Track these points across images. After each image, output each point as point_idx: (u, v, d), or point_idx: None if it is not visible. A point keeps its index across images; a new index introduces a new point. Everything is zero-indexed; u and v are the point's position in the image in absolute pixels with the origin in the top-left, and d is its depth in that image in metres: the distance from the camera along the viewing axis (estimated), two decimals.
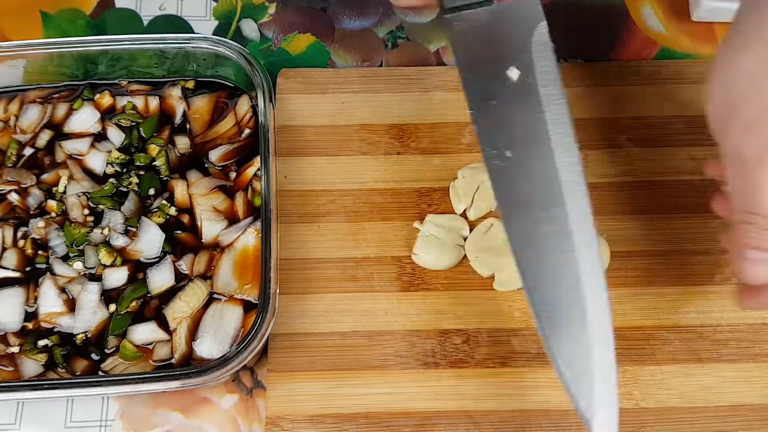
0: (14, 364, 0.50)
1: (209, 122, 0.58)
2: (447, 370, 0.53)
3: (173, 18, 0.66)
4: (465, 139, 0.60)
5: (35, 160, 0.56)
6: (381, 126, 0.60)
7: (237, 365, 0.47)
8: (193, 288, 0.51)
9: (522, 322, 0.54)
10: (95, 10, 0.66)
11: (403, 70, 0.62)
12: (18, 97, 0.58)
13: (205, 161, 0.56)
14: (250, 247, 0.52)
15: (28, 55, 0.57)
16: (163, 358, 0.50)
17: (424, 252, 0.55)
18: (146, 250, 0.53)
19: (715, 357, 0.53)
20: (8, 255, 0.53)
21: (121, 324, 0.50)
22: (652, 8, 0.67)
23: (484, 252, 0.55)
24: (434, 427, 0.51)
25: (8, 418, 0.53)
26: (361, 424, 0.51)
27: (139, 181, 0.55)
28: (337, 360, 0.53)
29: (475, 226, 0.56)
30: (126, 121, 0.57)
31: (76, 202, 0.54)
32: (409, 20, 0.66)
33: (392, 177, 0.58)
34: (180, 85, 0.59)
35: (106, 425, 0.53)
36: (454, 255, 0.55)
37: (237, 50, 0.56)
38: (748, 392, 0.52)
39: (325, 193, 0.58)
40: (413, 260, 0.55)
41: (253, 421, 0.53)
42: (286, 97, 0.61)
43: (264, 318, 0.48)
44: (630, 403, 0.52)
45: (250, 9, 0.66)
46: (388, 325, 0.54)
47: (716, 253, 0.56)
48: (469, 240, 0.55)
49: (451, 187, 0.57)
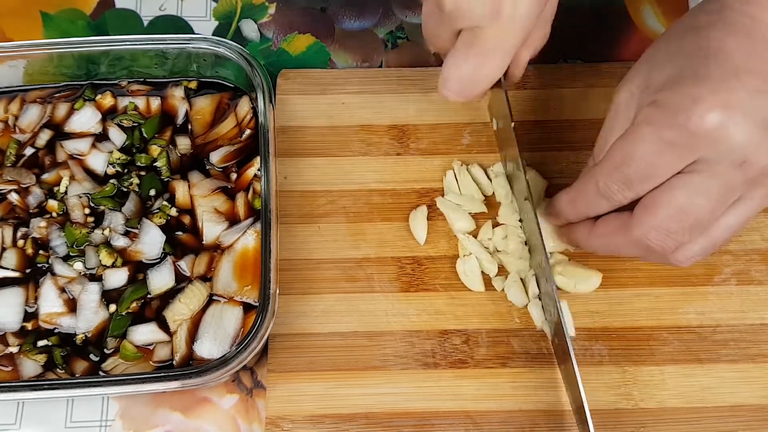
0: (13, 364, 0.50)
1: (211, 123, 0.58)
2: (447, 370, 0.53)
3: (173, 18, 0.66)
4: (465, 140, 0.60)
5: (36, 160, 0.56)
6: (381, 126, 0.60)
7: (237, 365, 0.47)
8: (192, 290, 0.51)
9: (522, 323, 0.54)
10: (95, 10, 0.66)
11: (403, 70, 0.62)
12: (18, 97, 0.58)
13: (206, 162, 0.56)
14: (250, 248, 0.52)
15: (28, 56, 0.57)
16: (163, 359, 0.50)
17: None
18: (147, 251, 0.53)
19: (714, 357, 0.53)
20: (8, 255, 0.53)
21: (121, 325, 0.50)
22: (652, 8, 0.67)
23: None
24: (434, 427, 0.51)
25: (8, 418, 0.53)
26: (361, 424, 0.51)
27: (140, 182, 0.55)
28: (337, 360, 0.53)
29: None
30: (128, 122, 0.57)
31: (77, 203, 0.54)
32: (409, 20, 0.66)
33: (392, 177, 0.58)
34: (183, 85, 0.59)
35: (106, 425, 0.53)
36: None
37: (237, 51, 0.56)
38: (747, 393, 0.52)
39: (325, 194, 0.58)
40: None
41: (253, 421, 0.53)
42: (286, 98, 0.61)
43: (264, 318, 0.48)
44: (629, 404, 0.52)
45: (250, 9, 0.66)
46: (388, 326, 0.54)
47: (716, 254, 0.56)
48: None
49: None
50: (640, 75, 0.45)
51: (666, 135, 0.41)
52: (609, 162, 0.44)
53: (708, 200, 0.42)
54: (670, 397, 0.52)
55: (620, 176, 0.43)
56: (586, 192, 0.47)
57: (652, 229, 0.43)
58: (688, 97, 0.40)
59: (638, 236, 0.44)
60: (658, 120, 0.41)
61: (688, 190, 0.42)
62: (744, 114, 0.40)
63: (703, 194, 0.42)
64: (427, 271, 0.56)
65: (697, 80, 0.41)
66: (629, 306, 0.55)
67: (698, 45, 0.43)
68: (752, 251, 0.56)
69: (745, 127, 0.40)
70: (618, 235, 0.46)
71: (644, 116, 0.42)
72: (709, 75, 0.41)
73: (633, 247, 0.46)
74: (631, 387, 0.52)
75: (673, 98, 0.41)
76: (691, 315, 0.54)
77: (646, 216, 0.44)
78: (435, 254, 0.56)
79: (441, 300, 0.55)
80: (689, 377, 0.52)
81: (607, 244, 0.48)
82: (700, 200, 0.42)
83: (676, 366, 0.53)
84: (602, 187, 0.45)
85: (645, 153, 0.42)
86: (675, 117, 0.40)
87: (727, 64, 0.41)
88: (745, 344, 0.53)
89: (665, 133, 0.41)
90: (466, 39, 0.45)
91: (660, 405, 0.52)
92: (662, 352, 0.53)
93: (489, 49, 0.45)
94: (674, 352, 0.53)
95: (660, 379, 0.52)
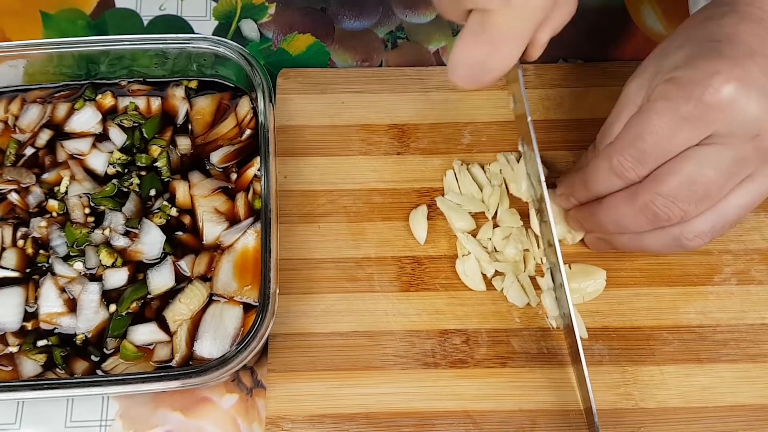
0: (13, 363, 0.50)
1: (211, 123, 0.58)
2: (447, 370, 0.53)
3: (173, 18, 0.66)
4: (465, 139, 0.60)
5: (36, 160, 0.56)
6: (381, 126, 0.60)
7: (237, 365, 0.47)
8: (192, 290, 0.51)
9: (522, 323, 0.54)
10: (95, 10, 0.66)
11: (403, 70, 0.62)
12: (18, 97, 0.58)
13: (206, 162, 0.56)
14: (250, 248, 0.52)
15: (28, 55, 0.57)
16: (163, 359, 0.50)
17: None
18: (147, 251, 0.53)
19: (714, 357, 0.53)
20: (8, 255, 0.53)
21: (121, 325, 0.50)
22: (652, 8, 0.67)
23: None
24: (434, 427, 0.51)
25: (8, 418, 0.53)
26: (361, 424, 0.51)
27: (140, 182, 0.55)
28: (337, 360, 0.53)
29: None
30: (128, 122, 0.57)
31: (78, 203, 0.54)
32: (409, 20, 0.66)
33: (392, 177, 0.58)
34: (183, 85, 0.59)
35: (106, 425, 0.53)
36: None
37: (237, 50, 0.56)
38: (748, 392, 0.52)
39: (325, 193, 0.58)
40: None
41: (253, 421, 0.53)
42: (286, 98, 0.61)
43: (264, 318, 0.48)
44: (629, 403, 0.52)
45: (250, 9, 0.66)
46: (388, 325, 0.54)
47: (716, 254, 0.56)
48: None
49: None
50: (650, 66, 0.45)
51: (682, 109, 0.41)
52: (623, 139, 0.44)
53: (719, 172, 0.42)
54: (670, 397, 0.52)
55: (634, 152, 0.43)
56: (598, 170, 0.47)
57: (659, 196, 0.44)
58: (704, 71, 0.41)
59: (645, 201, 0.44)
60: (674, 95, 0.42)
61: (700, 161, 0.42)
62: (758, 89, 0.40)
63: (714, 165, 0.42)
64: (427, 270, 0.56)
65: (711, 58, 0.41)
66: (629, 306, 0.55)
67: (710, 32, 0.43)
68: (752, 251, 0.56)
69: (759, 101, 0.40)
70: (625, 204, 0.46)
71: (660, 93, 0.43)
72: (723, 54, 0.41)
73: (639, 215, 0.45)
74: (631, 387, 0.52)
75: (689, 73, 0.42)
76: (691, 315, 0.54)
77: (654, 183, 0.44)
78: (435, 254, 0.56)
79: (441, 300, 0.55)
80: (689, 377, 0.52)
81: (614, 215, 0.47)
82: (711, 171, 0.42)
83: (676, 366, 0.53)
84: (615, 164, 0.45)
85: (661, 127, 0.42)
86: (692, 91, 0.41)
87: (741, 47, 0.41)
88: (745, 344, 0.53)
89: (682, 107, 0.41)
90: (476, 22, 0.41)
91: (660, 405, 0.52)
92: (662, 351, 0.53)
93: (500, 36, 0.41)
94: (674, 352, 0.53)
95: (660, 379, 0.52)
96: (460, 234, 0.56)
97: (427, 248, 0.56)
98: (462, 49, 0.43)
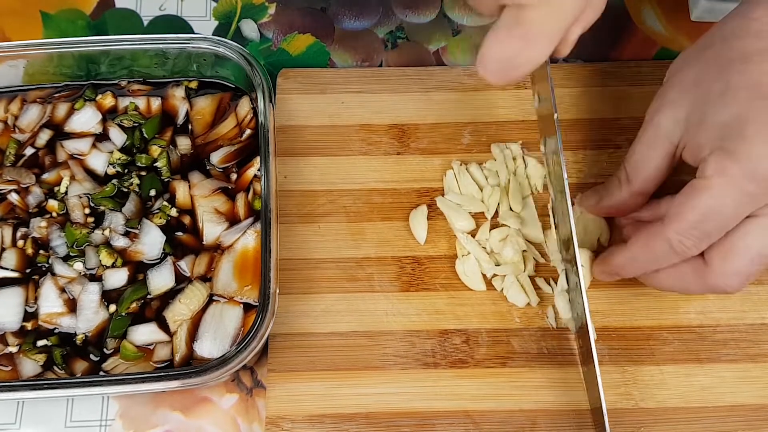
0: (13, 363, 0.50)
1: (211, 123, 0.58)
2: (447, 370, 0.53)
3: (173, 18, 0.66)
4: (465, 139, 0.60)
5: (36, 160, 0.56)
6: (381, 126, 0.60)
7: (237, 365, 0.47)
8: (192, 290, 0.51)
9: (522, 323, 0.54)
10: (95, 10, 0.66)
11: (403, 70, 0.62)
12: (18, 97, 0.58)
13: (206, 163, 0.56)
14: (250, 248, 0.52)
15: (28, 55, 0.57)
16: (163, 359, 0.50)
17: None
18: (147, 251, 0.53)
19: (714, 357, 0.53)
20: (8, 255, 0.53)
21: (121, 325, 0.51)
22: (652, 8, 0.67)
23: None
24: (434, 427, 0.51)
25: (8, 418, 0.53)
26: (361, 424, 0.51)
27: (140, 182, 0.55)
28: (337, 360, 0.53)
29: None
30: (128, 122, 0.57)
31: (78, 203, 0.54)
32: (409, 20, 0.66)
33: (392, 177, 0.58)
34: (183, 85, 0.59)
35: (106, 425, 0.53)
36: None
37: (237, 50, 0.56)
38: (748, 392, 0.52)
39: (325, 193, 0.58)
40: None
41: (253, 421, 0.53)
42: (286, 98, 0.61)
43: (264, 318, 0.48)
44: (629, 403, 0.52)
45: (250, 9, 0.66)
46: (388, 325, 0.54)
47: None
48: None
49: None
50: (683, 101, 0.45)
51: (746, 188, 0.42)
52: (683, 221, 0.44)
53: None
54: (670, 397, 0.52)
55: (698, 233, 0.44)
56: (655, 250, 0.47)
57: (733, 276, 0.45)
58: (763, 146, 0.41)
59: (715, 283, 0.45)
60: (734, 172, 0.42)
61: (763, 235, 0.43)
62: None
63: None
64: (427, 270, 0.56)
65: (765, 124, 0.42)
66: (629, 306, 0.55)
67: (756, 80, 0.43)
68: None
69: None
70: (691, 279, 0.47)
71: (716, 168, 0.43)
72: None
73: (706, 289, 0.47)
74: (631, 387, 0.52)
75: (746, 148, 0.42)
76: (691, 315, 0.54)
77: (727, 265, 0.45)
78: (435, 254, 0.56)
79: (441, 300, 0.55)
80: (689, 377, 0.52)
81: (678, 285, 0.48)
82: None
83: (676, 366, 0.53)
84: (676, 245, 0.45)
85: (726, 207, 0.43)
86: (754, 169, 0.41)
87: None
88: (745, 344, 0.53)
89: (745, 186, 0.42)
90: (511, 17, 0.41)
91: (660, 405, 0.52)
92: (662, 351, 0.53)
93: (534, 33, 0.41)
94: (674, 352, 0.53)
95: (660, 379, 0.52)
96: (460, 234, 0.56)
97: (427, 248, 0.56)
98: (494, 44, 0.42)
